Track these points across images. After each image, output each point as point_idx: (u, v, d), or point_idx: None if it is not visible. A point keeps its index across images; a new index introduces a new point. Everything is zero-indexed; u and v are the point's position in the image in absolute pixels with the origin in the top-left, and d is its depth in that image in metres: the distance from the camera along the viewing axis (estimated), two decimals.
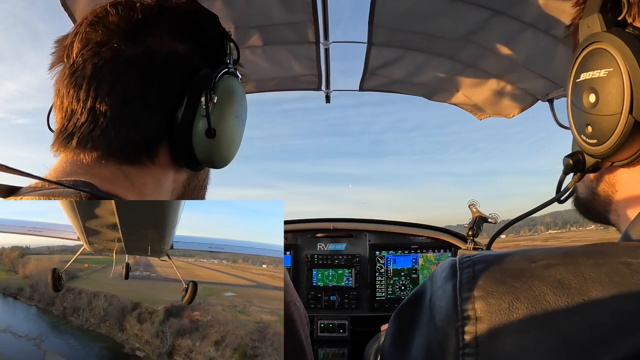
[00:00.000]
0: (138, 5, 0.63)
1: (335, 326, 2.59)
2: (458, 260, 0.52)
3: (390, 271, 2.70)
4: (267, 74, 2.34)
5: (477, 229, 2.01)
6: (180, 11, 0.66)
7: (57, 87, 0.64)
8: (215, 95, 0.64)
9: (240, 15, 1.78)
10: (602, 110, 0.52)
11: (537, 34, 1.64)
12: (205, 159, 0.67)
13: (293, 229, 2.84)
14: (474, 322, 0.45)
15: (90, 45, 0.61)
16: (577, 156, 0.60)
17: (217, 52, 0.70)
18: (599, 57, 0.53)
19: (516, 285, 0.46)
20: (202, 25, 0.68)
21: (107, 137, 0.60)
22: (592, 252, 0.46)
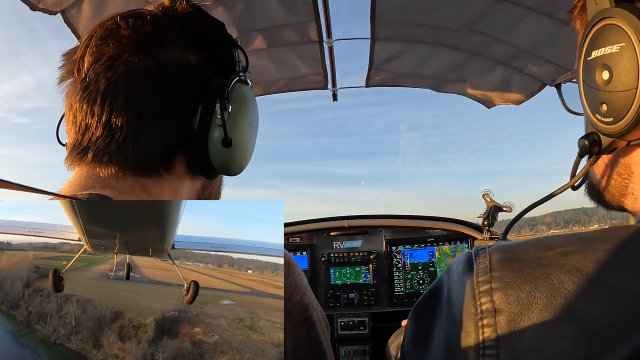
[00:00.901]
0: (148, 17, 0.63)
1: (355, 324, 2.59)
2: (474, 252, 0.52)
3: (408, 266, 2.69)
4: (273, 76, 2.36)
5: (492, 219, 2.00)
6: (190, 22, 0.66)
7: (69, 102, 0.63)
8: (229, 104, 0.65)
9: (243, 19, 1.79)
10: (616, 87, 0.51)
11: (540, 18, 1.63)
12: (222, 167, 0.67)
13: (308, 229, 2.85)
14: (493, 314, 0.45)
15: (103, 60, 0.60)
16: (592, 137, 0.58)
17: (227, 60, 0.70)
18: (610, 33, 0.52)
19: (534, 274, 0.45)
20: (211, 35, 0.68)
21: (124, 152, 0.60)
22: (608, 236, 0.45)
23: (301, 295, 0.66)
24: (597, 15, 0.54)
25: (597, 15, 0.54)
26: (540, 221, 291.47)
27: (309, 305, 0.67)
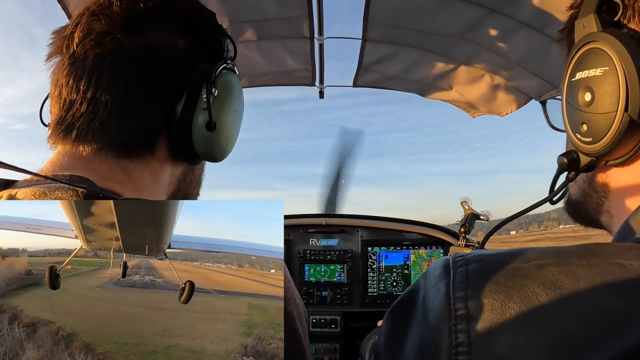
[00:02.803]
0: None
1: (327, 321, 2.60)
2: (451, 259, 0.52)
3: (382, 267, 2.71)
4: (261, 68, 2.33)
5: (469, 226, 2.03)
6: (181, 6, 0.67)
7: (55, 77, 0.63)
8: (215, 89, 0.65)
9: (235, 9, 1.76)
10: (597, 109, 0.53)
11: (531, 33, 1.65)
12: (204, 152, 0.67)
13: (285, 224, 2.83)
14: (467, 320, 0.46)
15: (93, 36, 0.60)
16: (571, 155, 0.60)
17: (215, 48, 0.70)
18: (595, 56, 0.53)
19: (509, 284, 0.46)
20: (201, 21, 0.69)
21: (108, 130, 0.60)
22: (584, 252, 0.46)
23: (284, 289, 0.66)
24: (584, 39, 0.56)
25: (584, 39, 0.56)
26: (546, 217, 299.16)
27: (292, 300, 0.68)
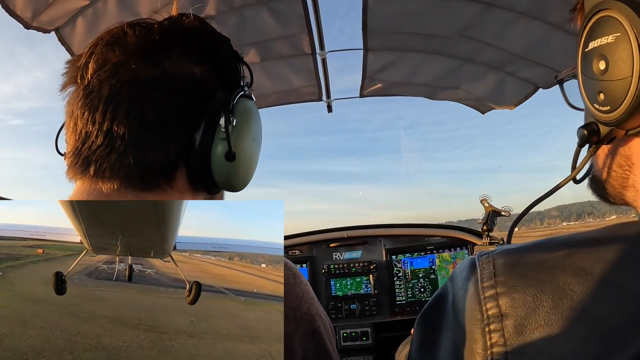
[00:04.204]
0: (155, 26, 0.62)
1: (358, 334, 2.56)
2: (477, 258, 0.52)
3: (408, 274, 2.68)
4: (267, 89, 2.36)
5: (491, 224, 2.00)
6: (196, 33, 0.65)
7: (70, 109, 0.61)
8: (234, 118, 0.63)
9: (235, 33, 1.80)
10: (612, 75, 0.52)
11: (531, 22, 1.64)
12: (224, 182, 0.65)
13: (307, 242, 2.83)
14: (500, 319, 0.45)
15: (108, 66, 0.59)
16: (591, 126, 0.59)
17: (231, 74, 0.69)
18: (606, 24, 0.53)
19: (539, 277, 0.45)
20: (216, 48, 0.67)
21: (125, 164, 0.58)
22: (611, 235, 0.45)
23: (309, 306, 0.65)
24: (594, 8, 0.55)
25: (594, 8, 0.55)
26: (547, 215, 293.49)
27: (317, 316, 0.66)
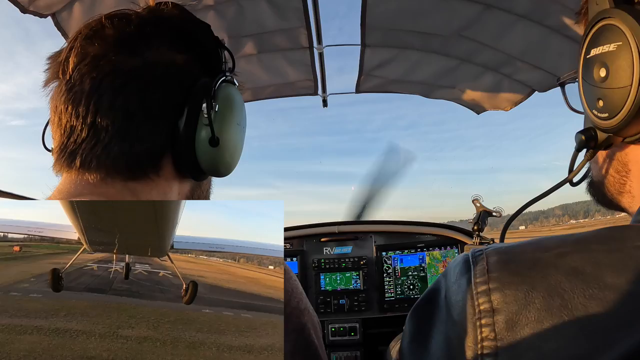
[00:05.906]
0: (133, 17, 0.62)
1: (346, 329, 2.58)
2: (471, 254, 0.52)
3: (398, 271, 2.69)
4: (263, 81, 2.35)
5: (482, 224, 2.01)
6: (175, 21, 0.65)
7: (53, 104, 0.62)
8: (216, 103, 0.64)
9: (233, 24, 1.79)
10: (612, 84, 0.53)
11: (530, 25, 1.65)
12: (209, 168, 0.66)
13: (298, 235, 2.83)
14: (491, 314, 0.46)
15: (88, 60, 0.59)
16: (589, 132, 0.60)
17: (213, 61, 0.69)
18: (608, 32, 0.54)
19: (531, 275, 0.46)
20: (197, 35, 0.67)
21: (111, 154, 0.58)
22: (604, 237, 0.46)
23: (298, 301, 0.66)
24: (597, 16, 0.56)
25: (597, 16, 0.56)
26: (550, 214, 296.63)
27: (305, 311, 0.67)
